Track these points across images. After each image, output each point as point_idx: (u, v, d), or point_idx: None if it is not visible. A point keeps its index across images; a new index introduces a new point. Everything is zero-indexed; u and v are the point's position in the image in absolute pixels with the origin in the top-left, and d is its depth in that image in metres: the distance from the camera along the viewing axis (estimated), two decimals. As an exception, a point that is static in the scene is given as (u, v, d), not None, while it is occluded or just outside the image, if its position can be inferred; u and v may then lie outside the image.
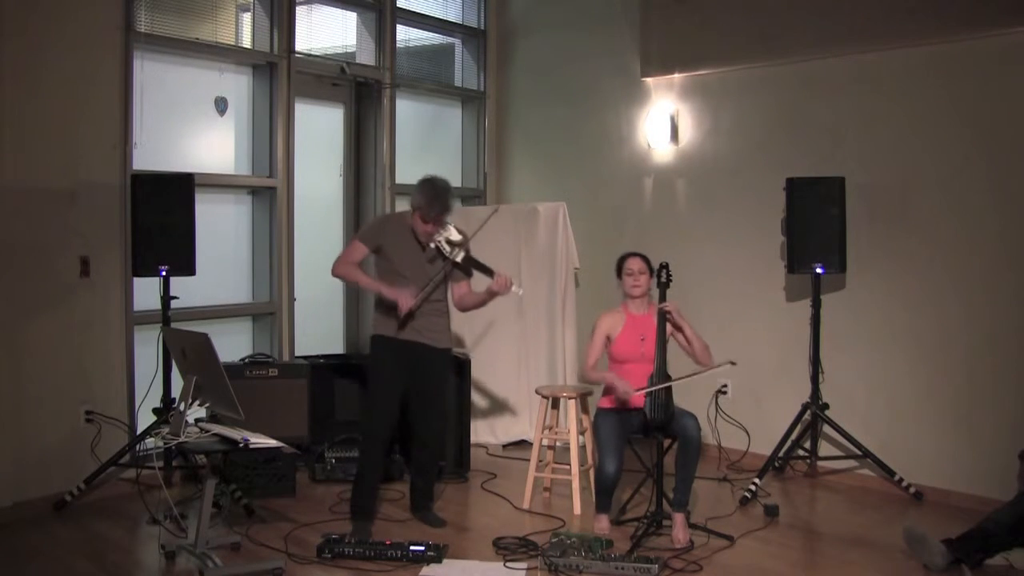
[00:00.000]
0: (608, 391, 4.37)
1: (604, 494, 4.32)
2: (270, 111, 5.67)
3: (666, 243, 5.75)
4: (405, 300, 4.13)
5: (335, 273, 4.31)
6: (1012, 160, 4.73)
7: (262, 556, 3.93)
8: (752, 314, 5.67)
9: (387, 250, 4.27)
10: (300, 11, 5.83)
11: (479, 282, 4.37)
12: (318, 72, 6.01)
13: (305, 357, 5.60)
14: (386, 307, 4.25)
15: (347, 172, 6.32)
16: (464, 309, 4.50)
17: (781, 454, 5.19)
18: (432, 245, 4.20)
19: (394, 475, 5.10)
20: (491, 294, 4.28)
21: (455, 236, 4.18)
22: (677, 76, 6.04)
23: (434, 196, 4.14)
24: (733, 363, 4.13)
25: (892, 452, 5.02)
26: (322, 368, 5.47)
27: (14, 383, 4.48)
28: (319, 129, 6.16)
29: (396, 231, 4.27)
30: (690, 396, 4.80)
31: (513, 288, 4.20)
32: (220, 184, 5.56)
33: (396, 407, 4.34)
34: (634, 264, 4.43)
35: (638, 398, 4.22)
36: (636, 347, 4.36)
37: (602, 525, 4.33)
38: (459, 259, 4.18)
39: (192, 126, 5.52)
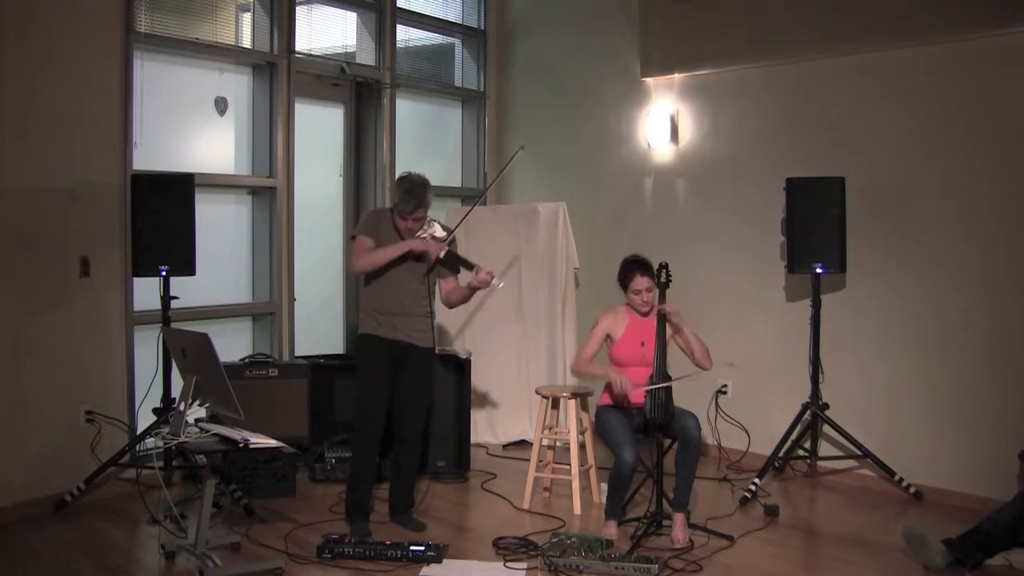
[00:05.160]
0: (607, 388, 4.37)
1: (620, 490, 4.24)
2: (270, 111, 5.67)
3: (666, 243, 5.75)
4: (433, 249, 4.17)
5: (359, 268, 4.26)
6: (1012, 160, 4.72)
7: (262, 556, 3.93)
8: (752, 314, 5.67)
9: (378, 245, 4.30)
10: (300, 11, 5.83)
11: (464, 278, 4.39)
12: (318, 72, 6.02)
13: (305, 357, 5.60)
14: (373, 308, 4.29)
15: (347, 172, 6.32)
16: (451, 305, 4.52)
17: (781, 454, 5.19)
18: None
19: (387, 475, 5.09)
20: (472, 289, 4.33)
21: (439, 233, 4.24)
22: (677, 76, 6.04)
23: (408, 192, 4.17)
24: (731, 364, 4.13)
25: (892, 452, 5.02)
26: (322, 368, 5.47)
27: (14, 383, 4.48)
28: (319, 129, 6.16)
29: (384, 227, 4.31)
30: (690, 396, 4.79)
31: (494, 281, 4.23)
32: (220, 184, 5.56)
33: (386, 404, 4.36)
34: (642, 283, 4.32)
35: (636, 395, 4.21)
36: (636, 351, 4.35)
37: (610, 532, 4.25)
38: (442, 255, 4.23)
39: (192, 126, 5.52)
